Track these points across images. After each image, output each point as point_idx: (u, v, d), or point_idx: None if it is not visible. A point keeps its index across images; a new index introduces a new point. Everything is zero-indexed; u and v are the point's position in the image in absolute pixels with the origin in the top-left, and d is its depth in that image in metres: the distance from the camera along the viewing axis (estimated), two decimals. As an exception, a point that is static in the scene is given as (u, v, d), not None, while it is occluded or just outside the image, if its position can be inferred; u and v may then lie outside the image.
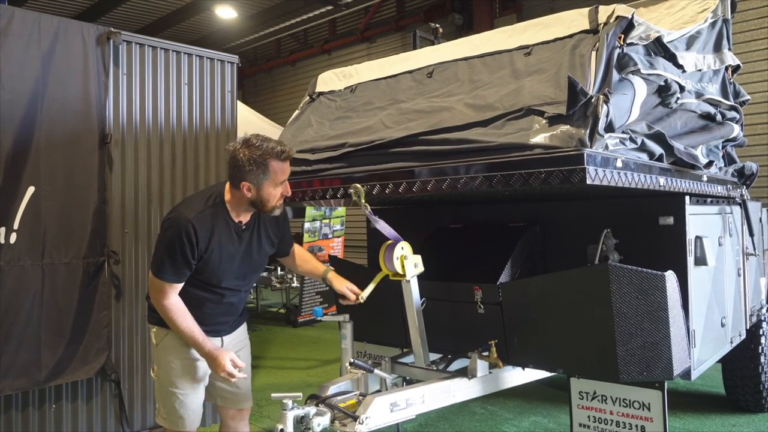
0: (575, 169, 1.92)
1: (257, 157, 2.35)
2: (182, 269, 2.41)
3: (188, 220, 2.37)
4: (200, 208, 2.43)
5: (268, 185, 2.41)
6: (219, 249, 2.46)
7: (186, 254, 2.37)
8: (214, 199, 2.48)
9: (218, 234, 2.45)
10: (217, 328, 2.64)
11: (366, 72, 3.38)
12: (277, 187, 2.43)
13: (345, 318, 3.04)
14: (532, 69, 2.55)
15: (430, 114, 2.70)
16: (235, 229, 2.51)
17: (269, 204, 2.45)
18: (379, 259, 2.69)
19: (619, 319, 2.45)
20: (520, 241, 3.08)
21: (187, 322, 2.44)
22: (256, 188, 2.40)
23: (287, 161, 2.42)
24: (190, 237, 2.36)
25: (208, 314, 2.57)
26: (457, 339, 3.09)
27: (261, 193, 2.41)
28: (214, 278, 2.51)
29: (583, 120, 2.11)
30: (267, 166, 2.37)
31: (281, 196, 2.48)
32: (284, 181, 2.45)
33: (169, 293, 2.43)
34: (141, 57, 3.99)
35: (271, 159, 2.37)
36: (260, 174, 2.38)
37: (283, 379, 5.62)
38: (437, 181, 2.33)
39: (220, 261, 2.48)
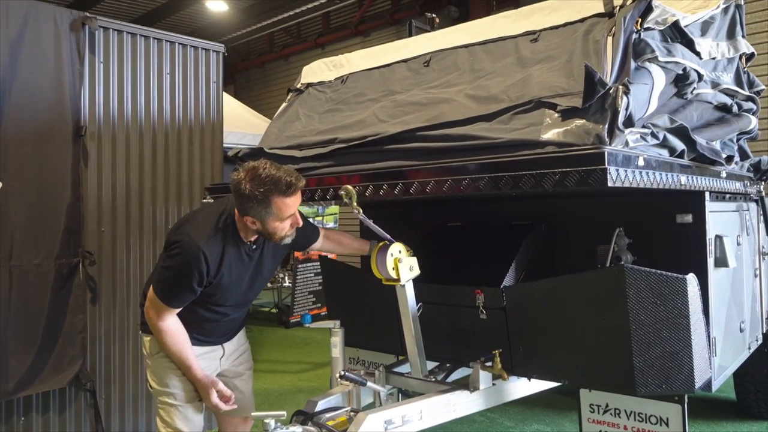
0: (594, 170, 1.70)
1: (260, 194, 2.12)
2: (187, 296, 2.25)
3: (199, 248, 2.17)
4: (211, 231, 2.24)
5: (272, 221, 2.21)
6: (229, 273, 2.29)
7: (193, 284, 2.20)
8: (224, 220, 2.28)
9: (229, 258, 2.27)
10: (218, 340, 2.50)
11: (358, 61, 3.15)
12: (284, 221, 2.23)
13: (335, 325, 2.82)
14: (539, 57, 2.33)
15: (428, 107, 2.48)
16: (246, 251, 2.34)
17: (276, 236, 2.27)
18: (371, 263, 2.47)
19: (636, 327, 2.26)
20: (524, 241, 2.86)
21: (179, 344, 2.27)
22: (260, 223, 2.21)
23: (295, 195, 2.19)
24: (200, 267, 2.17)
25: (209, 330, 2.43)
26: (456, 346, 2.88)
27: (266, 227, 2.22)
28: (221, 300, 2.35)
29: (600, 113, 1.89)
30: (270, 204, 2.15)
31: (291, 227, 2.28)
32: (293, 215, 2.25)
33: (167, 316, 2.25)
34: (119, 44, 3.74)
35: (275, 196, 2.14)
36: (263, 211, 2.16)
37: (273, 384, 5.39)
38: (437, 183, 2.11)
39: (229, 285, 2.32)
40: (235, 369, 2.62)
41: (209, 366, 2.43)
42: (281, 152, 2.81)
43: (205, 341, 2.41)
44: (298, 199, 2.21)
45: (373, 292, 2.87)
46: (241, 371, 2.66)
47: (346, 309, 3.34)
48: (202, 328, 2.38)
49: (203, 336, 2.40)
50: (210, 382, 2.32)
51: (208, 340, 2.43)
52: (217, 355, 2.49)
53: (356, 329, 3.22)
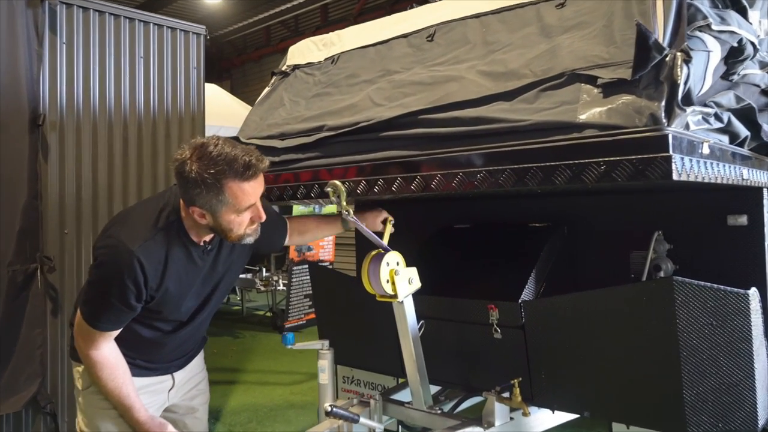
0: (655, 159, 1.28)
1: (209, 176, 1.65)
2: (122, 316, 1.79)
3: (132, 254, 1.70)
4: (148, 232, 1.77)
5: (227, 213, 1.73)
6: (177, 283, 1.84)
7: (128, 299, 1.74)
8: (167, 217, 1.81)
9: (175, 264, 1.82)
10: (167, 367, 2.04)
11: (351, 39, 2.73)
12: (242, 214, 1.76)
13: (323, 345, 2.41)
14: (568, 24, 1.91)
15: (433, 86, 2.06)
16: (198, 254, 1.88)
17: (233, 233, 1.79)
18: (361, 275, 2.06)
19: (687, 353, 1.87)
20: (545, 247, 2.45)
21: (117, 380, 1.82)
22: (211, 216, 1.74)
23: (255, 178, 1.73)
24: (135, 277, 1.71)
25: (155, 355, 1.98)
26: (466, 370, 2.48)
27: (219, 221, 1.75)
28: (170, 316, 1.91)
29: (655, 87, 1.47)
30: (222, 190, 1.68)
31: (251, 223, 1.81)
32: (253, 205, 1.78)
33: (100, 343, 1.80)
34: (85, 23, 3.34)
35: (229, 180, 1.67)
36: (213, 200, 1.69)
37: (263, 399, 4.99)
38: (444, 177, 1.69)
39: (178, 297, 1.87)
40: (188, 404, 2.15)
41: (154, 401, 1.98)
42: (260, 142, 2.39)
43: (149, 370, 1.96)
44: (259, 185, 1.76)
45: (370, 305, 2.47)
46: (195, 406, 2.19)
47: (338, 324, 2.93)
48: (144, 353, 1.94)
49: (147, 363, 1.95)
50: (157, 425, 1.87)
51: (154, 368, 1.98)
52: (164, 387, 2.03)
53: (351, 347, 2.83)
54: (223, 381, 5.43)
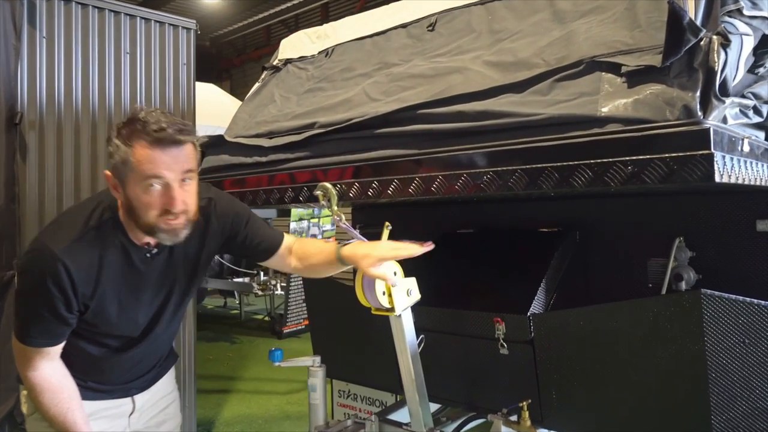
0: (693, 158, 1.09)
1: (122, 135, 1.46)
2: (54, 329, 1.57)
3: (56, 258, 1.49)
4: (76, 232, 1.55)
5: (132, 183, 1.48)
6: (114, 290, 1.62)
7: (57, 309, 1.52)
8: (100, 215, 1.59)
9: (111, 269, 1.59)
10: (125, 388, 1.82)
11: (346, 30, 2.55)
12: (148, 192, 1.49)
13: (314, 362, 2.22)
14: (584, 8, 1.72)
15: (434, 79, 1.88)
16: (140, 257, 1.65)
17: (142, 218, 1.52)
18: (355, 287, 1.87)
19: (716, 375, 1.68)
20: (556, 254, 2.27)
21: (62, 405, 1.59)
22: (120, 185, 1.51)
23: (168, 147, 1.47)
24: (60, 283, 1.50)
25: (107, 374, 1.75)
26: (469, 388, 2.30)
27: (127, 194, 1.50)
28: (115, 329, 1.68)
29: (688, 75, 1.28)
30: (130, 152, 1.45)
31: (162, 210, 1.51)
32: (163, 184, 1.49)
33: (37, 363, 1.58)
34: (67, 17, 3.15)
35: (138, 140, 1.44)
36: (122, 167, 1.47)
37: (257, 409, 4.80)
38: (446, 179, 1.50)
39: (119, 307, 1.65)
40: (154, 431, 1.91)
41: (112, 427, 1.76)
42: (246, 141, 2.21)
43: (103, 392, 1.73)
44: (175, 161, 1.49)
45: (367, 316, 2.29)
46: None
47: (334, 336, 2.75)
48: (95, 374, 1.71)
49: (99, 384, 1.72)
50: None
51: (109, 391, 1.75)
52: (124, 411, 1.80)
53: (347, 361, 2.64)
54: (217, 390, 5.26)
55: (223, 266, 8.01)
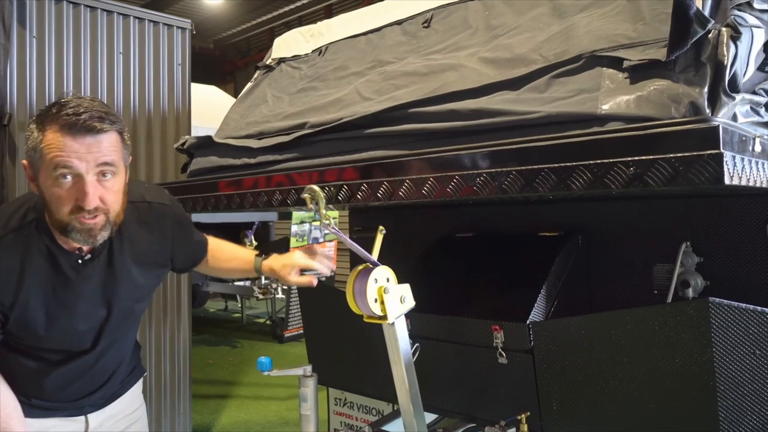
0: (701, 158, 1.00)
1: (36, 119, 1.38)
2: None
3: None
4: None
5: (44, 173, 1.37)
6: (42, 300, 1.49)
7: None
8: (22, 216, 1.47)
9: (35, 276, 1.47)
10: (76, 405, 1.68)
11: (340, 28, 2.47)
12: (58, 183, 1.35)
13: (306, 371, 2.14)
14: (584, 2, 1.64)
15: (428, 77, 1.80)
16: (70, 265, 1.51)
17: (54, 215, 1.39)
18: (346, 293, 1.79)
19: (725, 387, 1.60)
20: (557, 260, 2.18)
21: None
22: (34, 174, 1.41)
23: (83, 136, 1.35)
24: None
25: (50, 390, 1.62)
26: (466, 398, 2.21)
27: (39, 184, 1.40)
28: (45, 342, 1.55)
29: (695, 70, 1.20)
30: (42, 138, 1.35)
31: (74, 205, 1.37)
32: (74, 175, 1.36)
33: None
34: (58, 16, 3.10)
35: (51, 125, 1.34)
36: (35, 149, 1.37)
37: (256, 415, 4.72)
38: (438, 181, 1.41)
39: (48, 318, 1.51)
40: None
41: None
42: (235, 142, 2.14)
43: (50, 410, 1.61)
44: (90, 151, 1.35)
45: (361, 323, 2.22)
46: None
47: (328, 343, 2.67)
48: (36, 390, 1.58)
49: (43, 401, 1.59)
50: None
51: (58, 408, 1.63)
52: (74, 428, 1.67)
53: (342, 369, 2.56)
54: (216, 395, 5.19)
55: (224, 269, 7.93)
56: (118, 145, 1.43)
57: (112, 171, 1.41)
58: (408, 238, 2.38)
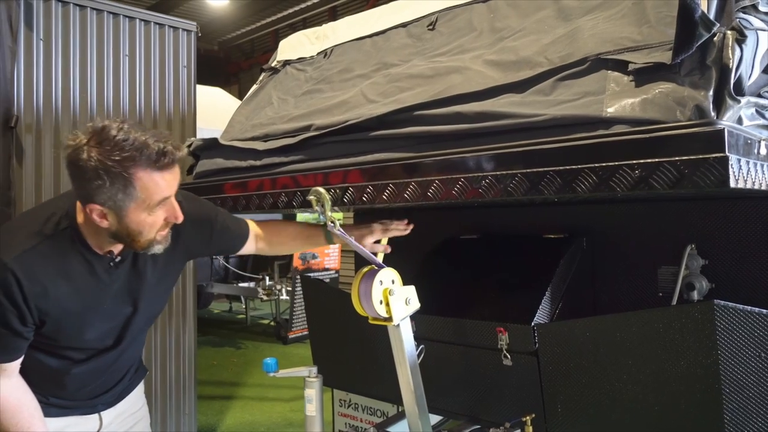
0: (707, 161, 1.01)
1: (114, 164, 1.34)
2: (10, 343, 1.48)
3: (5, 267, 1.41)
4: (28, 241, 1.46)
5: (135, 210, 1.42)
6: (76, 304, 1.53)
7: (9, 322, 1.44)
8: (56, 224, 1.50)
9: (70, 281, 1.52)
10: (91, 403, 1.73)
11: (345, 30, 2.48)
12: (155, 212, 1.45)
13: (311, 372, 2.14)
14: (590, 5, 1.64)
15: (433, 79, 1.80)
16: (103, 268, 1.57)
17: (142, 238, 1.47)
18: (351, 295, 1.80)
19: (730, 390, 1.59)
20: (561, 261, 2.18)
21: (21, 425, 1.50)
22: (114, 215, 1.42)
23: (171, 168, 1.44)
24: (11, 295, 1.41)
25: (70, 389, 1.66)
26: (470, 400, 2.21)
27: (125, 222, 1.43)
28: (76, 342, 1.60)
29: (701, 73, 1.20)
30: (131, 181, 1.37)
31: (165, 224, 1.50)
32: (167, 201, 1.47)
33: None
34: (64, 18, 3.11)
35: (140, 169, 1.37)
36: (119, 193, 1.38)
37: (260, 416, 4.74)
38: (443, 183, 1.42)
39: (81, 321, 1.56)
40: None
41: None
42: (241, 144, 2.15)
43: (67, 408, 1.66)
44: (175, 177, 1.46)
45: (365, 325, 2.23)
46: None
47: (333, 345, 2.68)
48: (56, 388, 1.63)
49: (62, 399, 1.64)
50: None
51: (73, 406, 1.67)
52: (90, 427, 1.72)
53: (347, 371, 2.57)
54: (220, 396, 5.20)
55: (228, 271, 7.97)
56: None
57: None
58: (412, 241, 2.38)
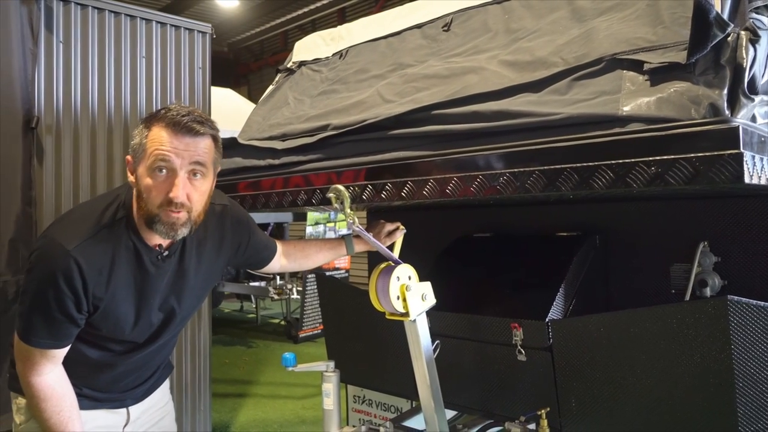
0: (722, 158, 1.04)
1: (146, 120, 1.52)
2: (62, 329, 1.53)
3: (68, 255, 1.45)
4: (88, 230, 1.51)
5: (142, 165, 1.49)
6: (125, 294, 1.58)
7: (67, 308, 1.49)
8: (113, 214, 1.56)
9: (122, 270, 1.57)
10: (121, 397, 1.77)
11: (360, 32, 2.52)
12: (154, 174, 1.47)
13: (328, 367, 2.18)
14: (604, 6, 1.67)
15: (449, 79, 1.84)
16: (151, 261, 1.61)
17: (146, 205, 1.49)
18: (369, 291, 1.83)
19: (744, 384, 1.61)
20: (575, 259, 2.20)
21: (63, 414, 1.55)
22: (134, 167, 1.53)
23: (183, 135, 1.48)
24: (72, 282, 1.46)
25: (105, 381, 1.70)
26: (485, 395, 2.24)
27: (138, 176, 1.51)
28: (118, 333, 1.64)
29: (715, 72, 1.23)
30: (147, 133, 1.49)
31: (164, 198, 1.47)
32: (169, 169, 1.47)
33: (42, 367, 1.53)
34: (83, 22, 3.17)
35: (157, 124, 1.48)
36: (139, 150, 1.49)
37: (273, 413, 4.78)
38: (461, 181, 1.46)
39: (126, 311, 1.61)
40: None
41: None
42: (259, 143, 2.19)
43: (99, 401, 1.70)
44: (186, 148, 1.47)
45: (382, 321, 2.26)
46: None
47: (348, 341, 2.71)
48: (92, 380, 1.67)
49: (94, 391, 1.68)
50: None
51: (105, 399, 1.71)
52: (117, 422, 1.77)
53: (362, 367, 2.61)
54: (233, 394, 5.26)
55: (239, 270, 8.02)
56: (211, 150, 1.55)
57: (202, 172, 1.53)
58: (427, 239, 2.42)
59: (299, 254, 2.09)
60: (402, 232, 2.15)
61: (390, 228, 2.11)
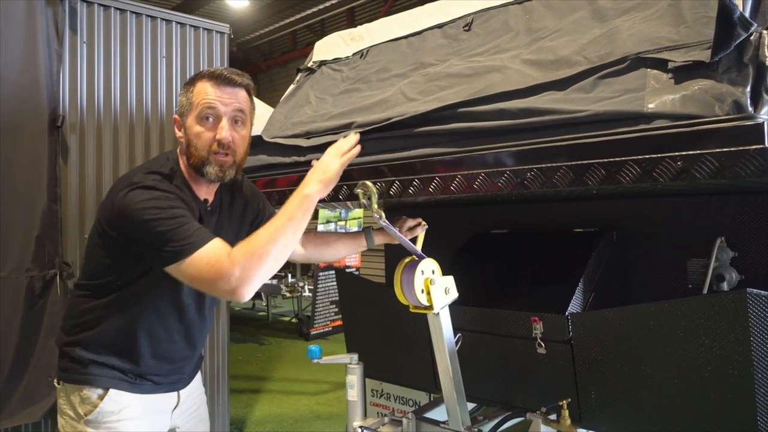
0: (747, 153, 1.08)
1: (190, 80, 1.73)
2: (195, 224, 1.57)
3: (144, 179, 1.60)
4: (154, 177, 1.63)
5: (191, 115, 1.69)
6: None
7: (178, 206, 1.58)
8: (171, 168, 1.70)
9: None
10: (174, 380, 1.83)
11: (381, 31, 2.56)
12: (202, 122, 1.67)
13: (352, 359, 2.23)
14: (625, 6, 1.71)
15: (472, 78, 1.88)
16: (200, 210, 1.74)
17: (196, 151, 1.67)
18: (394, 285, 1.88)
19: (762, 376, 1.65)
20: (593, 254, 2.24)
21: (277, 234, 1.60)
22: (182, 122, 1.72)
23: (226, 86, 1.69)
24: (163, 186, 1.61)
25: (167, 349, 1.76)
26: (506, 387, 2.29)
27: (186, 128, 1.70)
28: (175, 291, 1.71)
29: (738, 70, 1.27)
30: (192, 89, 1.70)
31: (212, 142, 1.66)
32: (215, 116, 1.67)
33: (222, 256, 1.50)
34: (106, 22, 3.23)
35: (201, 80, 1.70)
36: (186, 104, 1.71)
37: (287, 409, 4.84)
38: (488, 176, 1.50)
39: None
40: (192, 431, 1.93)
41: (158, 424, 1.77)
42: (284, 141, 2.24)
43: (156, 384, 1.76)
44: (231, 98, 1.69)
45: (401, 315, 2.31)
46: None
47: (368, 335, 2.77)
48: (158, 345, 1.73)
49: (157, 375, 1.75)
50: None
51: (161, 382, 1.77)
52: (169, 405, 1.83)
53: (381, 360, 2.66)
54: (247, 390, 5.32)
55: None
56: (248, 99, 1.77)
57: (242, 119, 1.74)
58: (447, 235, 2.46)
59: (319, 241, 2.16)
60: (424, 228, 2.19)
61: (411, 224, 2.16)
